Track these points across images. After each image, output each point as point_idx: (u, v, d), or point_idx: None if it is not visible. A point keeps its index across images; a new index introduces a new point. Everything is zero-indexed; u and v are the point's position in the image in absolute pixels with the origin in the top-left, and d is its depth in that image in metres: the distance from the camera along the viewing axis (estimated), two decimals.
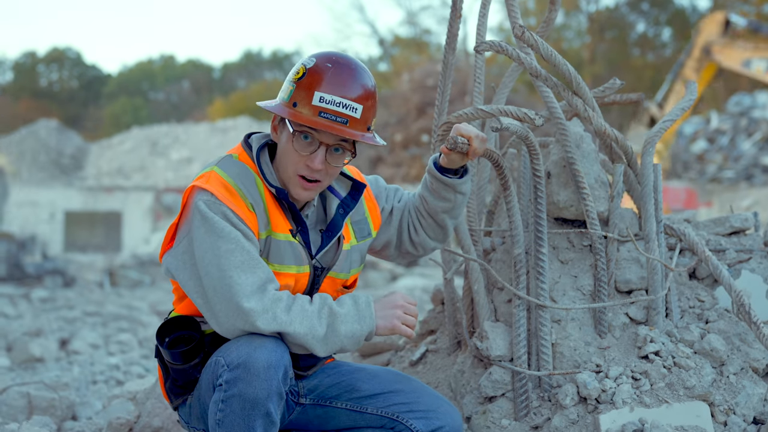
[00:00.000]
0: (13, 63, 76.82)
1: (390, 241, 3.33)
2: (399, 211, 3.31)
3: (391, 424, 3.11)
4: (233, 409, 2.74)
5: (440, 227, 3.28)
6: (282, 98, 2.96)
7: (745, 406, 3.24)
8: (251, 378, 2.71)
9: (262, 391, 2.72)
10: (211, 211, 2.84)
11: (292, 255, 2.99)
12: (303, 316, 2.81)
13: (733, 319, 3.47)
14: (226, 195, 2.87)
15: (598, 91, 3.68)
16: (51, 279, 19.86)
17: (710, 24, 23.22)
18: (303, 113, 2.87)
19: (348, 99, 2.88)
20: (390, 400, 3.13)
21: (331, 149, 2.93)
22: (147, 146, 50.08)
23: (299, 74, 2.92)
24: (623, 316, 3.46)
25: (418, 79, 38.93)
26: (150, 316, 11.91)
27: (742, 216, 3.91)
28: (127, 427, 3.95)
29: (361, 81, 2.93)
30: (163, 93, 74.29)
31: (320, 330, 2.83)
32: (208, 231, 2.84)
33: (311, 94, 2.87)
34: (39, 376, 6.53)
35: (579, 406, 3.22)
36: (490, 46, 3.25)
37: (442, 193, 3.18)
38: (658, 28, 51.56)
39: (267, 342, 2.78)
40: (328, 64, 2.90)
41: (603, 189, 3.58)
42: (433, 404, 3.13)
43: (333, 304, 2.86)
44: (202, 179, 2.92)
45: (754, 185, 31.87)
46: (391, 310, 2.93)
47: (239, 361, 2.73)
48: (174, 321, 2.99)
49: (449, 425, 3.11)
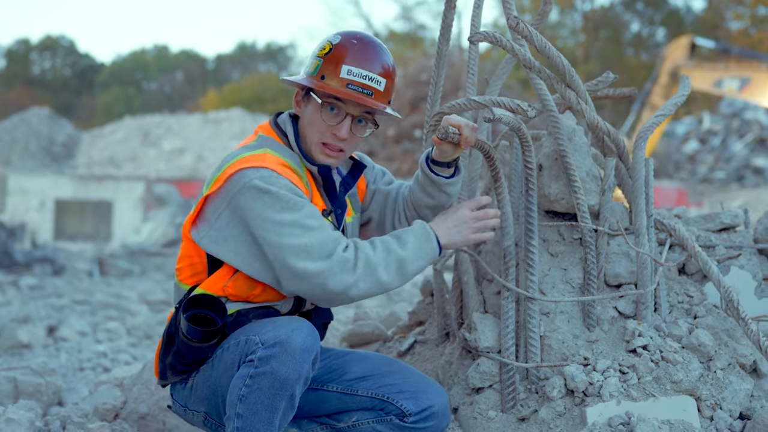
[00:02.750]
0: (5, 50, 76.51)
1: (372, 219, 3.45)
2: (382, 194, 3.42)
3: (382, 405, 3.15)
4: (261, 386, 2.77)
5: (419, 218, 3.32)
6: (308, 72, 3.08)
7: (732, 401, 3.25)
8: (287, 357, 2.76)
9: (294, 372, 2.77)
10: (271, 185, 2.88)
11: None
12: (368, 273, 2.90)
13: (721, 315, 3.47)
14: (287, 170, 2.98)
15: (591, 85, 3.68)
16: (40, 267, 19.79)
17: (676, 49, 23.27)
18: (332, 85, 3.01)
19: (373, 73, 3.03)
20: (380, 381, 3.17)
21: (356, 120, 3.07)
22: (139, 136, 49.95)
23: (326, 50, 3.05)
24: (612, 310, 3.46)
25: (412, 74, 38.89)
26: (139, 305, 11.87)
27: (733, 213, 3.91)
28: (113, 412, 3.94)
29: (384, 59, 3.09)
30: (156, 83, 74.07)
31: (387, 279, 2.93)
32: (268, 203, 2.87)
33: (339, 67, 3.01)
34: (26, 362, 6.51)
35: (566, 399, 3.22)
36: (485, 36, 3.24)
37: (428, 189, 3.25)
38: (652, 27, 51.63)
39: (304, 325, 2.85)
40: (353, 40, 3.05)
41: (594, 182, 3.58)
42: (421, 385, 3.18)
43: (397, 250, 2.94)
44: (256, 158, 2.97)
45: (745, 186, 31.96)
46: (462, 226, 3.08)
47: (277, 340, 2.77)
48: (200, 298, 3.00)
49: (438, 405, 3.16)
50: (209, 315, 2.97)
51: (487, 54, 36.92)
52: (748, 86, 21.55)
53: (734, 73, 21.59)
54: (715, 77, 22.08)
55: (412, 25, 53.93)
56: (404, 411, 3.13)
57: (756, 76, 21.25)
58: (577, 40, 49.97)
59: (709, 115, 37.84)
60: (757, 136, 35.37)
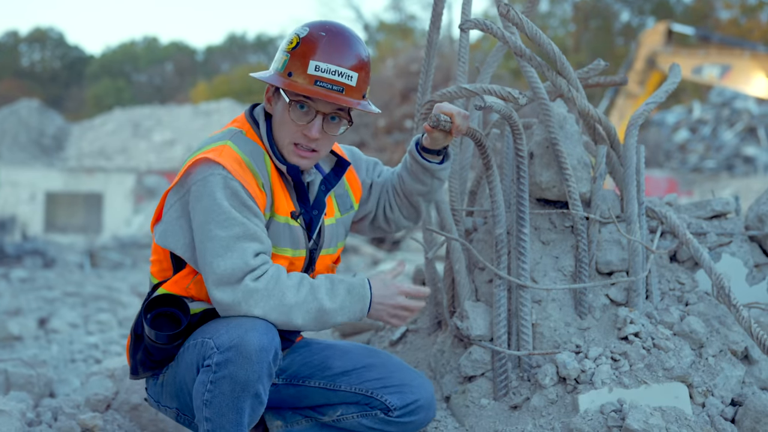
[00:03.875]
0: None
1: (368, 215, 3.35)
2: (378, 186, 3.32)
3: (366, 400, 3.12)
4: (222, 391, 2.72)
5: (414, 208, 3.30)
6: (276, 68, 2.94)
7: (723, 387, 3.25)
8: (243, 361, 2.70)
9: (254, 374, 2.71)
10: (218, 186, 2.81)
11: (289, 238, 2.98)
12: (281, 311, 2.79)
13: (712, 302, 3.48)
14: (239, 171, 2.85)
15: (582, 72, 3.68)
16: (31, 259, 19.75)
17: (652, 35, 23.23)
18: (299, 82, 2.86)
19: (343, 67, 2.87)
20: (363, 376, 3.13)
21: (328, 118, 2.93)
22: (129, 128, 49.80)
23: (293, 44, 2.89)
24: (603, 298, 3.47)
25: (403, 65, 38.80)
26: (130, 296, 11.86)
27: (724, 200, 3.92)
28: (104, 403, 3.93)
29: (356, 50, 2.92)
30: (146, 75, 73.83)
31: (302, 323, 2.83)
32: (208, 206, 2.81)
33: (306, 63, 2.85)
34: (17, 354, 6.49)
35: (558, 386, 3.23)
36: (475, 24, 3.23)
37: (420, 176, 3.19)
38: (642, 17, 51.67)
39: (258, 324, 2.76)
40: (321, 32, 2.88)
41: (585, 170, 3.58)
42: (406, 378, 3.14)
43: (323, 299, 2.82)
44: (214, 152, 2.88)
45: (735, 175, 32.03)
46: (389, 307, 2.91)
47: (231, 344, 2.70)
48: (162, 298, 2.95)
49: (423, 398, 3.13)
50: (173, 313, 2.92)
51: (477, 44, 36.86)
52: (729, 73, 21.55)
53: (714, 59, 21.59)
54: (693, 64, 22.04)
55: (402, 15, 53.88)
56: (389, 406, 3.10)
57: (738, 63, 21.26)
58: (567, 30, 50.03)
59: (699, 105, 37.89)
60: (746, 125, 35.43)
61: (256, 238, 2.81)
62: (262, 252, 2.82)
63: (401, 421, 3.12)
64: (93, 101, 64.52)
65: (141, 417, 3.83)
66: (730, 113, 36.22)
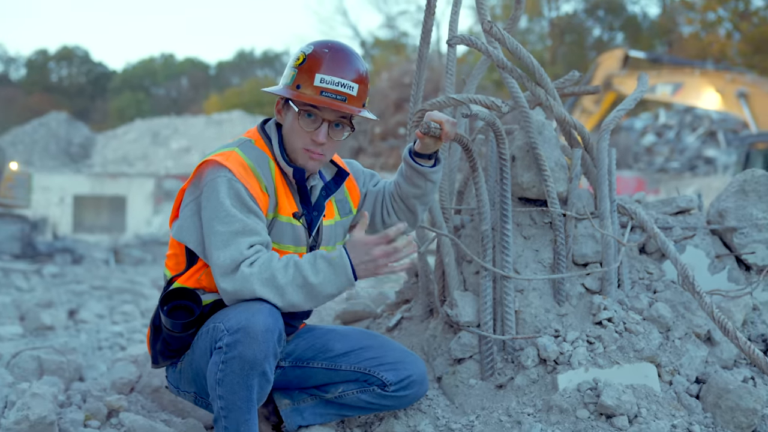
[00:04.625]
0: (26, 60, 76.16)
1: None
2: (373, 194, 3.35)
3: (364, 377, 3.14)
4: (233, 369, 2.73)
5: (411, 212, 3.30)
6: (285, 83, 2.99)
7: (689, 367, 3.25)
8: (250, 341, 2.70)
9: (260, 353, 2.72)
10: (222, 187, 2.85)
11: (291, 236, 3.01)
12: (275, 291, 2.78)
13: (678, 290, 3.48)
14: (243, 174, 2.89)
15: (559, 83, 3.68)
16: (61, 257, 19.73)
17: (610, 59, 23.21)
18: (306, 93, 2.92)
19: (345, 79, 2.93)
20: (361, 356, 3.15)
21: (333, 125, 2.98)
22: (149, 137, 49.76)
23: (300, 60, 2.96)
24: (580, 287, 3.47)
25: (396, 78, 38.86)
26: (151, 289, 11.85)
27: (687, 197, 3.92)
28: (128, 386, 3.92)
29: (356, 64, 2.98)
30: (164, 88, 73.75)
31: (297, 300, 2.81)
32: (213, 206, 2.85)
33: (312, 76, 2.91)
34: (49, 342, 6.48)
35: (539, 367, 3.23)
36: (462, 39, 3.23)
37: (415, 180, 3.20)
38: (612, 33, 51.75)
39: (263, 308, 2.77)
40: (325, 50, 2.95)
41: (562, 171, 3.58)
42: (400, 357, 3.16)
43: (309, 275, 2.78)
44: (222, 156, 2.93)
45: (697, 175, 32.07)
46: (371, 264, 2.81)
47: (239, 326, 2.71)
48: (177, 291, 2.97)
49: (416, 374, 3.15)
50: (187, 304, 2.94)
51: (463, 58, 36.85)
52: (681, 90, 21.55)
53: (666, 79, 21.58)
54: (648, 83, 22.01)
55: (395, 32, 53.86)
56: (385, 381, 3.12)
57: (689, 81, 21.25)
58: (544, 45, 50.01)
59: (664, 112, 37.93)
60: (707, 130, 35.49)
61: (253, 233, 2.83)
62: (258, 243, 2.84)
63: (396, 395, 3.14)
64: (116, 113, 64.44)
65: (162, 398, 3.83)
66: (692, 119, 36.28)
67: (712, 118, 34.95)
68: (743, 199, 3.82)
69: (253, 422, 2.82)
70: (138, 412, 3.66)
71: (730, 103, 20.59)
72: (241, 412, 2.78)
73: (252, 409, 2.79)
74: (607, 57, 23.67)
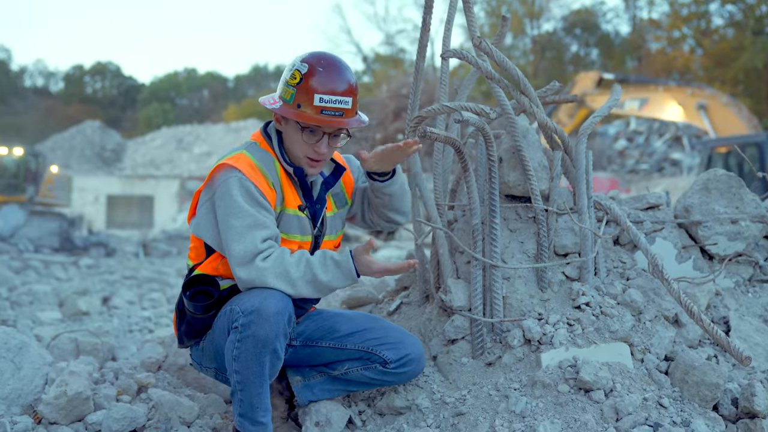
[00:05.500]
0: (64, 74, 76.23)
1: (356, 213, 3.40)
2: (360, 191, 3.37)
3: (367, 355, 3.14)
4: (247, 347, 2.73)
5: (382, 216, 3.34)
6: (285, 99, 2.95)
7: (658, 346, 3.24)
8: (263, 322, 2.71)
9: (272, 332, 2.72)
10: (234, 186, 2.85)
11: (298, 226, 3.02)
12: (287, 284, 2.81)
13: (649, 277, 3.47)
14: (252, 173, 2.89)
15: (541, 92, 3.66)
16: (95, 250, 19.75)
17: (585, 79, 23.23)
18: (308, 113, 2.89)
19: (340, 96, 2.90)
20: (364, 336, 3.15)
21: (332, 135, 2.98)
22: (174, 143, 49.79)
23: (297, 80, 2.91)
24: (560, 275, 3.45)
25: (395, 89, 38.90)
26: (176, 279, 11.86)
27: (657, 194, 3.91)
28: (156, 365, 3.92)
29: (347, 76, 2.94)
30: (187, 99, 73.75)
31: (307, 292, 2.85)
32: (227, 203, 2.85)
33: (311, 96, 2.88)
34: (85, 326, 6.48)
35: (524, 347, 3.21)
36: (454, 53, 3.22)
37: (375, 193, 3.25)
38: (588, 49, 51.73)
39: (275, 293, 2.78)
40: (319, 68, 2.90)
41: (545, 171, 3.56)
42: (399, 337, 3.17)
43: (318, 273, 2.83)
44: (232, 159, 2.93)
45: (665, 176, 32.09)
46: (374, 276, 2.91)
47: (253, 308, 2.72)
48: (197, 278, 2.98)
49: (414, 352, 3.15)
50: (207, 289, 2.95)
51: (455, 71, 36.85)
52: (647, 105, 21.57)
53: (633, 95, 21.61)
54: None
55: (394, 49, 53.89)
56: (386, 359, 3.12)
57: (654, 96, 21.27)
58: (527, 60, 49.99)
59: (635, 119, 37.93)
60: (673, 135, 35.49)
61: (265, 227, 2.84)
62: (270, 237, 2.85)
63: (396, 372, 3.13)
64: (144, 121, 64.50)
65: (186, 376, 3.82)
66: (659, 126, 36.27)
67: (677, 125, 34.95)
68: (707, 196, 3.81)
69: (265, 395, 2.82)
70: (165, 388, 3.66)
71: (691, 115, 20.60)
72: (255, 385, 2.79)
73: (264, 383, 2.79)
74: (583, 77, 23.69)
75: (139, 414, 3.19)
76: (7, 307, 7.76)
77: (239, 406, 2.84)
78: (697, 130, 33.93)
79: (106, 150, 51.08)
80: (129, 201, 40.03)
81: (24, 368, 3.39)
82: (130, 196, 40.09)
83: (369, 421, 3.26)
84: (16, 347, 3.42)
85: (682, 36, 43.55)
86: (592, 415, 2.88)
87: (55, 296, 8.72)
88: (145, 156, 49.57)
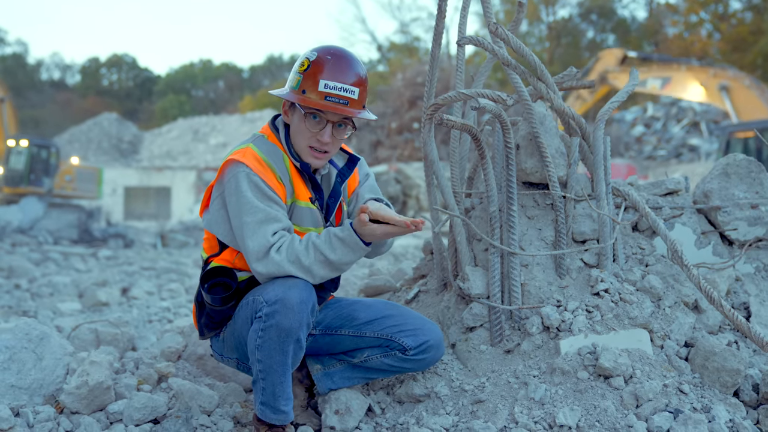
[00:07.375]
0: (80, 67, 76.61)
1: (350, 213, 3.30)
2: (357, 198, 3.24)
3: (386, 343, 3.13)
4: (270, 336, 2.74)
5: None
6: (291, 87, 2.95)
7: (678, 332, 3.23)
8: (287, 311, 2.71)
9: (296, 322, 2.72)
10: (243, 182, 2.85)
11: (311, 218, 3.01)
12: (301, 272, 2.81)
13: (668, 263, 3.45)
14: (259, 168, 2.88)
15: (558, 78, 3.64)
16: (114, 241, 19.86)
17: (609, 56, 23.09)
18: (312, 98, 2.87)
19: (347, 84, 2.88)
20: (384, 323, 3.14)
21: (336, 125, 2.95)
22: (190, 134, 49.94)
23: (304, 66, 2.91)
24: (579, 261, 3.44)
25: (410, 78, 38.79)
26: (194, 269, 11.90)
27: (676, 179, 3.88)
28: (176, 354, 3.94)
29: (356, 69, 2.93)
30: (203, 90, 73.94)
31: (322, 274, 2.84)
32: (238, 199, 2.86)
33: (317, 82, 2.86)
34: (105, 317, 6.52)
35: (543, 334, 3.21)
36: (470, 39, 3.20)
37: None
38: (604, 34, 51.37)
39: (299, 282, 2.78)
40: (328, 56, 2.89)
41: (562, 158, 3.55)
42: (418, 324, 3.15)
43: (328, 254, 2.81)
44: (239, 154, 2.92)
45: (682, 162, 31.86)
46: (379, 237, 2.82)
47: (277, 298, 2.72)
48: (215, 270, 2.98)
49: (433, 339, 3.14)
50: (225, 281, 2.96)
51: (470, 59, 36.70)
52: (669, 84, 21.48)
53: (656, 74, 21.50)
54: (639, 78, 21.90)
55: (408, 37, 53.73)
56: (405, 346, 3.11)
57: (676, 75, 21.17)
58: (543, 47, 49.73)
59: (652, 105, 37.67)
60: (691, 121, 35.23)
61: (276, 220, 2.84)
62: (280, 229, 2.85)
63: (416, 359, 3.13)
64: (160, 113, 64.71)
65: (206, 365, 3.84)
66: (677, 111, 36.02)
67: (695, 110, 34.69)
68: (726, 181, 3.78)
69: (287, 384, 2.83)
70: (185, 377, 3.68)
71: (713, 96, 20.47)
72: (277, 374, 2.79)
73: (287, 372, 2.80)
74: (607, 53, 23.54)
75: (160, 403, 3.21)
76: (28, 299, 7.82)
77: (261, 395, 2.85)
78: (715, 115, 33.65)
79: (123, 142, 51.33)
80: (146, 192, 40.24)
81: (45, 359, 3.42)
82: (147, 188, 40.30)
83: (388, 408, 3.27)
84: (37, 338, 3.44)
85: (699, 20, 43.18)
86: (612, 401, 2.87)
87: (75, 287, 8.78)
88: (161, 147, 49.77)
